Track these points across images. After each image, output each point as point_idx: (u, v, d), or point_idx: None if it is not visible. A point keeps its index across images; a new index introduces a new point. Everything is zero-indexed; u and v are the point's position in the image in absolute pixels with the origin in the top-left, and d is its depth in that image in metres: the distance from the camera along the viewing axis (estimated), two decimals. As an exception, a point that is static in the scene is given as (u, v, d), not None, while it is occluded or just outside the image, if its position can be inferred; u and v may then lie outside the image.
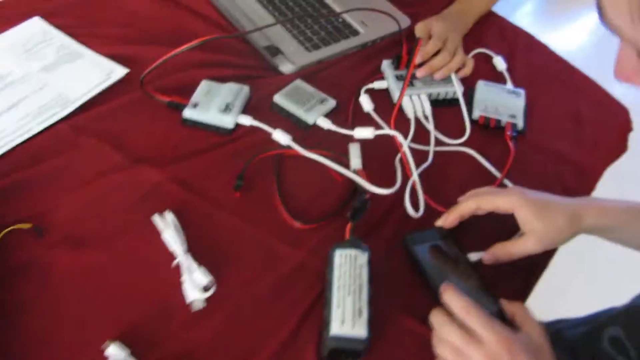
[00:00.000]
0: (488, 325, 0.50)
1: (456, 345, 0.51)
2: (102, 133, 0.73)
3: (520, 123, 0.82)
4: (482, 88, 0.85)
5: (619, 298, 0.67)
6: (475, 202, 0.64)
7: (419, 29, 0.87)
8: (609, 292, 0.74)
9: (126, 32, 0.87)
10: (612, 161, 0.83)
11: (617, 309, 0.62)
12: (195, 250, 0.63)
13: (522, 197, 0.62)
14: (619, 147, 0.85)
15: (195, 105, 0.76)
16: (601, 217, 0.62)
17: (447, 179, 0.75)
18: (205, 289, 0.60)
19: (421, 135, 0.80)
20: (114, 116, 0.75)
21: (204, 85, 0.79)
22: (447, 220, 0.66)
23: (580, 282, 1.54)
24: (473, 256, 0.66)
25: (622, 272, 1.38)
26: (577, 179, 0.79)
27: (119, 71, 0.80)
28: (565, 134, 0.85)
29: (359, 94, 0.83)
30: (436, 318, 0.55)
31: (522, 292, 0.67)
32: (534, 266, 0.69)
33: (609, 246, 0.67)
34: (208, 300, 0.60)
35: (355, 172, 0.72)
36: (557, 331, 0.67)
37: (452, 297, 0.54)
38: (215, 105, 0.76)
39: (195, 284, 0.60)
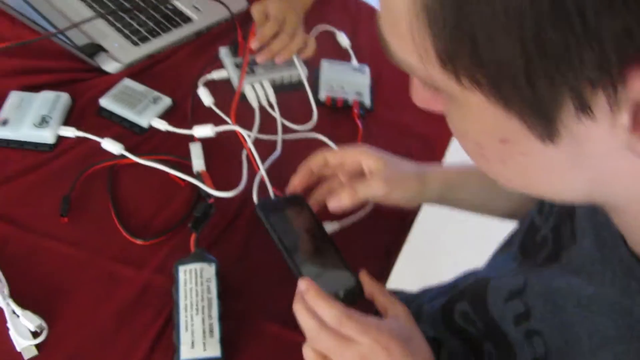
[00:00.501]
0: (363, 331, 0.46)
1: (328, 346, 0.47)
2: None
3: (367, 100, 0.81)
4: (327, 68, 0.83)
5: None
6: (323, 155, 0.62)
7: (255, 11, 0.82)
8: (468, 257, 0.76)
9: None
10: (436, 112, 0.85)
11: (468, 279, 0.64)
12: (22, 290, 0.55)
13: (370, 149, 0.62)
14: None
15: (4, 123, 0.66)
16: (444, 174, 0.64)
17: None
18: (35, 334, 0.53)
19: (268, 124, 0.76)
20: None
21: (13, 97, 0.69)
22: (297, 179, 0.62)
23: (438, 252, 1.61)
24: (329, 226, 0.63)
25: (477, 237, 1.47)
26: (425, 151, 0.79)
27: None
28: (412, 106, 0.84)
29: (196, 88, 0.77)
30: (305, 324, 0.49)
31: (382, 274, 0.67)
32: (391, 244, 0.69)
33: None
34: (41, 345, 0.53)
35: (199, 174, 0.66)
36: (418, 307, 0.67)
37: (318, 303, 0.49)
38: (29, 119, 0.66)
39: (22, 330, 0.53)
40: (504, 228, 0.65)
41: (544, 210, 0.54)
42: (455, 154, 0.83)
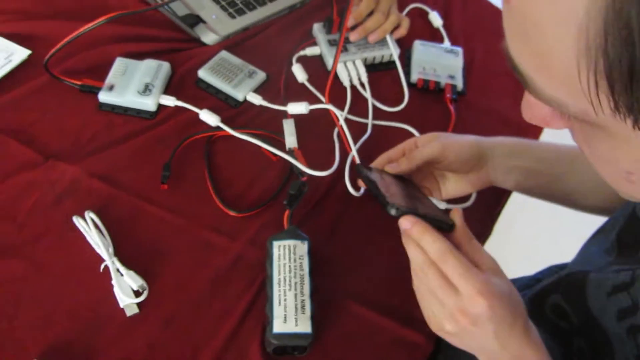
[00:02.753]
0: (466, 276, 0.45)
1: (431, 287, 0.47)
2: (6, 127, 0.66)
3: (459, 84, 0.79)
4: (419, 49, 0.82)
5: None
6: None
7: None
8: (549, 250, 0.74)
9: (25, 7, 0.77)
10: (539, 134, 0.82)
11: (558, 272, 0.63)
12: (124, 250, 0.59)
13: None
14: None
15: (111, 88, 0.69)
16: (507, 140, 0.64)
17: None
18: (137, 293, 0.56)
19: (359, 103, 0.76)
20: (19, 106, 0.68)
21: (119, 63, 0.71)
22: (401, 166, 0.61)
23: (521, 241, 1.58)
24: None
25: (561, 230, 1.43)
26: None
27: (20, 53, 0.71)
28: (506, 92, 0.83)
29: (290, 64, 0.77)
30: (412, 253, 0.48)
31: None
32: (479, 237, 0.68)
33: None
34: (142, 304, 0.56)
35: (291, 150, 0.67)
36: None
37: (424, 238, 0.47)
38: (133, 86, 0.69)
39: (126, 288, 0.56)
40: (585, 222, 0.63)
41: None
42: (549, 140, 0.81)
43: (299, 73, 0.76)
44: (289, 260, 0.56)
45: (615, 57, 0.24)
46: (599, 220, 0.61)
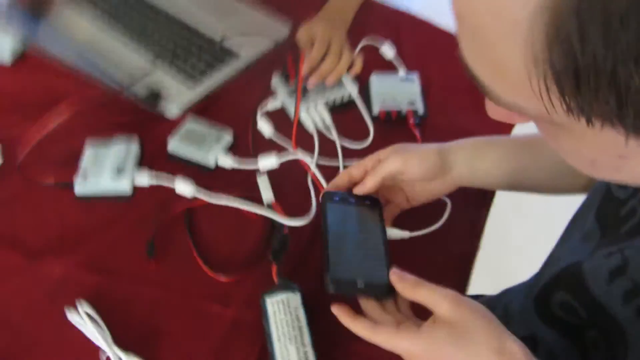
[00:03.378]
0: (394, 343, 0.49)
1: None
2: (-13, 236, 0.67)
3: (420, 109, 0.81)
4: (376, 82, 0.84)
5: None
6: (348, 172, 0.63)
7: (301, 36, 0.85)
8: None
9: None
10: (515, 124, 0.84)
11: (553, 270, 0.63)
12: (122, 335, 0.59)
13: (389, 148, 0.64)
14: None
15: (85, 177, 0.70)
16: (471, 143, 0.66)
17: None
18: (141, 376, 0.56)
19: (327, 146, 0.78)
20: (-3, 213, 0.69)
21: (89, 151, 0.73)
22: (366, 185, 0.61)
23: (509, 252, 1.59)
24: (398, 233, 0.65)
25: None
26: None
27: (-9, 160, 0.73)
28: (466, 108, 0.85)
29: (255, 121, 0.79)
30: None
31: (460, 283, 0.67)
32: (465, 253, 0.69)
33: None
34: (148, 386, 0.56)
35: (270, 206, 0.69)
36: (504, 308, 0.67)
37: (346, 322, 0.51)
38: (106, 172, 0.71)
39: (129, 375, 0.56)
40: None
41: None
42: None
43: (265, 129, 0.78)
44: (284, 315, 0.57)
45: (560, 67, 0.26)
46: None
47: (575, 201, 0.63)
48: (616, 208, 0.53)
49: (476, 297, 0.79)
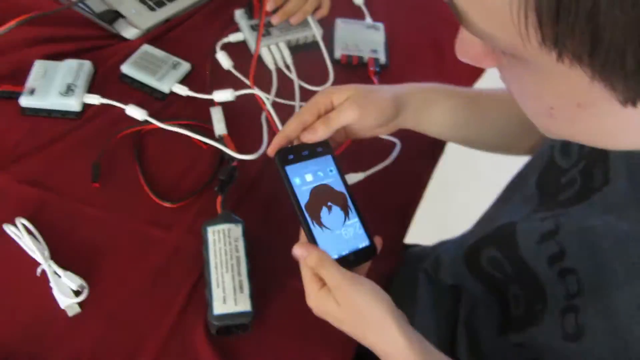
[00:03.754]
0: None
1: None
2: None
3: (382, 57, 0.81)
4: (341, 26, 0.83)
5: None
6: (300, 113, 0.59)
7: None
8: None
9: None
10: (472, 84, 0.86)
11: (488, 228, 0.66)
12: (61, 253, 0.59)
13: (343, 86, 0.60)
14: (476, 70, 0.88)
15: (32, 92, 0.68)
16: (422, 92, 0.65)
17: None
18: (77, 293, 0.57)
19: (286, 85, 0.77)
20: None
21: (39, 66, 0.70)
22: (318, 132, 0.57)
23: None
24: (354, 177, 0.65)
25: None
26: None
27: None
28: (428, 64, 0.86)
29: (215, 52, 0.78)
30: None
31: (399, 231, 0.69)
32: (407, 203, 0.71)
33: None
34: (83, 303, 0.57)
35: (221, 137, 0.68)
36: (436, 258, 0.70)
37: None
38: (55, 88, 0.68)
39: (65, 289, 0.57)
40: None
41: (572, 152, 0.54)
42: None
43: (224, 60, 0.77)
44: (224, 244, 0.58)
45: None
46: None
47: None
48: (557, 176, 0.55)
49: (412, 246, 0.83)
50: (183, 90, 0.72)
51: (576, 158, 0.54)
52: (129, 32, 0.77)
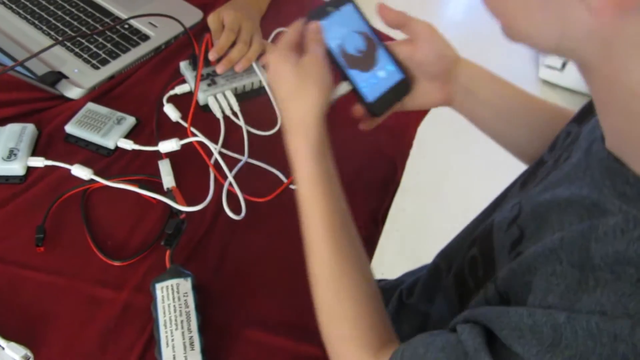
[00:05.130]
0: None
1: None
2: None
3: (329, 98, 0.82)
4: (287, 70, 0.84)
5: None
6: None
7: (211, 22, 0.84)
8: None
9: None
10: (422, 119, 0.87)
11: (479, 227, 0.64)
12: (4, 322, 0.57)
13: None
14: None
15: (-27, 159, 0.67)
16: (474, 64, 0.63)
17: (264, 173, 0.74)
18: (22, 364, 0.55)
19: (235, 132, 0.77)
20: None
21: (-20, 132, 0.70)
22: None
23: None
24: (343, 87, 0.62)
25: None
26: (393, 142, 0.81)
27: None
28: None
29: (161, 104, 0.78)
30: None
31: (371, 239, 0.69)
32: (376, 210, 0.71)
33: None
34: (29, 375, 0.55)
35: (170, 191, 0.68)
36: (414, 281, 0.69)
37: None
38: (-3, 153, 0.68)
39: (9, 362, 0.55)
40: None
41: (557, 146, 0.54)
42: (422, 145, 0.84)
43: (171, 112, 0.77)
44: (172, 300, 0.56)
45: None
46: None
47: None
48: (537, 169, 0.55)
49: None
50: (129, 145, 0.72)
51: (558, 151, 0.53)
52: (73, 92, 0.77)
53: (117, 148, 0.72)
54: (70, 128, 0.72)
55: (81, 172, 0.68)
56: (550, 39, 0.38)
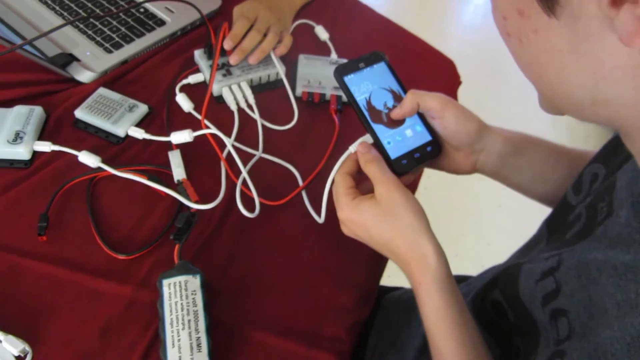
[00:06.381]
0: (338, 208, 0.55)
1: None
2: None
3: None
4: (303, 62, 0.82)
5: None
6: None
7: (235, 14, 0.81)
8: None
9: None
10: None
11: (497, 268, 0.62)
12: (3, 313, 0.54)
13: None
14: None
15: (-23, 140, 0.64)
16: (508, 133, 0.61)
17: (278, 169, 0.71)
18: (20, 358, 0.52)
19: (250, 125, 0.75)
20: None
21: (-14, 113, 0.67)
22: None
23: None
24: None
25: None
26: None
27: None
28: (395, 97, 0.84)
29: (174, 94, 0.75)
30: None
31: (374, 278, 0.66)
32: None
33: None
34: (27, 369, 0.52)
35: (180, 183, 0.65)
36: None
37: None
38: (2, 136, 0.65)
39: (6, 356, 0.52)
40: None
41: (583, 188, 0.53)
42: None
43: (184, 102, 0.74)
44: (180, 298, 0.54)
45: None
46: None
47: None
48: (566, 214, 0.53)
49: (393, 289, 0.79)
50: (140, 134, 0.69)
51: (585, 194, 0.52)
52: (84, 76, 0.74)
53: (127, 136, 0.69)
54: (80, 113, 0.69)
55: (89, 159, 0.65)
56: (585, 88, 0.34)
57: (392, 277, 0.75)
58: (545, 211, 0.61)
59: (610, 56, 0.31)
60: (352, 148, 0.58)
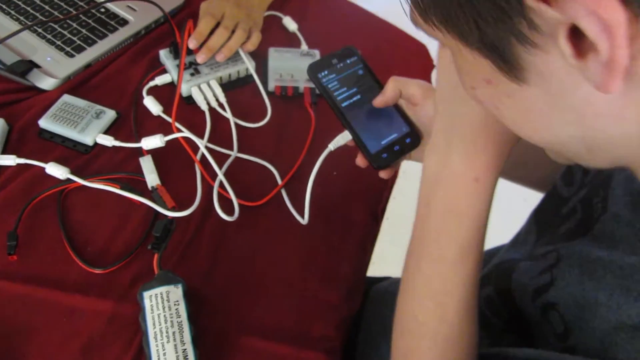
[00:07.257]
0: None
1: None
2: None
3: (320, 86, 0.77)
4: (274, 56, 0.80)
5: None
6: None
7: (201, 10, 0.78)
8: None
9: None
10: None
11: (488, 263, 0.61)
12: (-23, 339, 0.52)
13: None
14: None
15: (-64, 158, 0.61)
16: None
17: (255, 168, 0.69)
18: (-2, 385, 0.50)
19: (222, 125, 0.72)
20: None
21: (-57, 130, 0.64)
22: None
23: None
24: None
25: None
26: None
27: None
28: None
29: (140, 97, 0.72)
30: None
31: (360, 268, 0.65)
32: (365, 238, 0.67)
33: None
34: (6, 396, 0.50)
35: (154, 189, 0.63)
36: None
37: None
38: (-38, 152, 0.62)
39: (-16, 383, 0.50)
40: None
41: (575, 181, 0.52)
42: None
43: (152, 105, 0.71)
44: (162, 310, 0.52)
45: None
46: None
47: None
48: (558, 206, 0.52)
49: (380, 280, 0.79)
50: (108, 141, 0.66)
51: (578, 186, 0.51)
52: (46, 83, 0.71)
53: (95, 144, 0.67)
54: (44, 123, 0.66)
55: (57, 171, 0.63)
56: (576, 138, 0.32)
57: (376, 264, 0.74)
58: (523, 195, 0.60)
59: (591, 105, 0.29)
60: (332, 146, 0.57)
